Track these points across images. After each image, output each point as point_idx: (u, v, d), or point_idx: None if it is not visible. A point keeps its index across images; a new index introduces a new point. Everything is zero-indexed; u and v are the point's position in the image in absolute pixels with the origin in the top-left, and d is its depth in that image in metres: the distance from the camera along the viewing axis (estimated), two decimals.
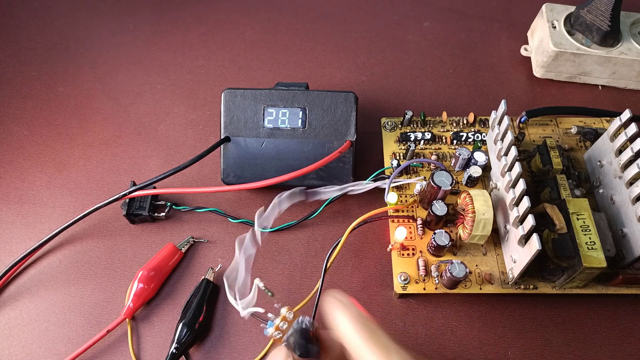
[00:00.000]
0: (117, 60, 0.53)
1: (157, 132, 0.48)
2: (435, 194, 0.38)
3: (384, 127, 0.46)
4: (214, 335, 0.38)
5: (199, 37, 0.55)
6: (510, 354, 0.37)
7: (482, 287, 0.38)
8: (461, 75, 0.52)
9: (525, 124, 0.45)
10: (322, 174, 0.42)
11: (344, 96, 0.41)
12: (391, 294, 0.40)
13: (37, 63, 0.53)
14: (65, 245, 0.42)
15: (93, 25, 0.56)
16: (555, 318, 0.39)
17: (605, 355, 0.37)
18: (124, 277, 0.41)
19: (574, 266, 0.35)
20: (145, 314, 0.39)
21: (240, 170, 0.42)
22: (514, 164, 0.37)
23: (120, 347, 0.38)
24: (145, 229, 0.43)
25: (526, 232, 0.34)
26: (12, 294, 0.40)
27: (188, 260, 0.42)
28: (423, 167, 0.44)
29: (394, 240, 0.40)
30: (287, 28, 0.55)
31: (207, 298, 0.38)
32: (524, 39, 0.54)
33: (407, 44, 0.54)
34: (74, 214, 0.42)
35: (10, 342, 0.38)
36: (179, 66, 0.52)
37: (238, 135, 0.42)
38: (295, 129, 0.42)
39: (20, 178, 0.46)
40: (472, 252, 0.39)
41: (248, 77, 0.52)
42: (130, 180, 0.45)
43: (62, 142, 0.48)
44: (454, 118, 0.46)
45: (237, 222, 0.43)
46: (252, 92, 0.42)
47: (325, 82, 0.51)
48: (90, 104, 0.50)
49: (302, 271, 0.41)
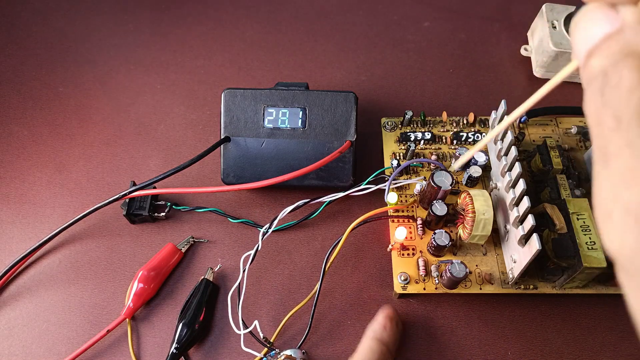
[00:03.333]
0: (117, 60, 0.53)
1: (157, 132, 0.48)
2: (435, 194, 0.38)
3: (384, 127, 0.46)
4: (213, 335, 0.38)
5: (199, 37, 0.55)
6: (510, 354, 0.37)
7: (482, 287, 0.38)
8: (461, 75, 0.52)
9: (525, 124, 0.45)
10: (322, 174, 0.42)
11: (344, 96, 0.41)
12: (391, 294, 0.40)
13: (37, 63, 0.53)
14: (65, 245, 0.42)
15: (93, 25, 0.56)
16: (555, 318, 0.39)
17: (605, 355, 0.37)
18: (124, 277, 0.41)
19: (574, 266, 0.35)
20: (145, 314, 0.39)
21: (240, 170, 0.42)
22: (514, 164, 0.37)
23: (120, 347, 0.38)
24: (145, 229, 0.43)
25: (526, 232, 0.34)
26: (12, 294, 0.40)
27: (188, 260, 0.42)
28: (423, 167, 0.44)
29: (394, 240, 0.40)
30: (287, 28, 0.55)
31: (207, 298, 0.38)
32: (524, 39, 0.54)
33: (407, 44, 0.54)
34: (74, 214, 0.42)
35: (10, 342, 0.38)
36: (179, 66, 0.52)
37: (238, 135, 0.42)
38: (295, 129, 0.42)
39: (20, 178, 0.46)
40: (472, 252, 0.39)
41: (248, 77, 0.52)
42: (130, 180, 0.45)
43: (62, 142, 0.48)
44: (454, 118, 0.46)
45: (237, 222, 0.43)
46: (252, 92, 0.42)
47: (325, 82, 0.51)
48: (90, 104, 0.50)
49: (302, 271, 0.41)
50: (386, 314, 0.36)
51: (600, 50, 0.15)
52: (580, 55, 0.16)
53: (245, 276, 0.37)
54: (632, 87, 0.14)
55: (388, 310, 0.36)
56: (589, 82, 0.15)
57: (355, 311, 0.39)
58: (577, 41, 0.16)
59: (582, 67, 0.16)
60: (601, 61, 0.15)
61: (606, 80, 0.15)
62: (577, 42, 0.16)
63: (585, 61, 0.16)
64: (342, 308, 0.39)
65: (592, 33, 0.16)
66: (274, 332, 0.37)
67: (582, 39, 0.16)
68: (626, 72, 0.14)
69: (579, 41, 0.16)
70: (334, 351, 0.38)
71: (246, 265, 0.37)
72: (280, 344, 0.38)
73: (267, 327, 0.38)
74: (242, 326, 0.35)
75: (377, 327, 0.35)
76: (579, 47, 0.16)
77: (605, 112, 0.14)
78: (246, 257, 0.37)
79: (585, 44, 0.16)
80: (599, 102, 0.15)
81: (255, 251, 0.37)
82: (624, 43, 0.15)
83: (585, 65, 0.16)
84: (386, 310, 0.36)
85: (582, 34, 0.16)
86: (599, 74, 0.15)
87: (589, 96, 0.15)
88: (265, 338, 0.35)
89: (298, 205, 0.40)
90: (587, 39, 0.16)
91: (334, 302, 0.40)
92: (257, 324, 0.35)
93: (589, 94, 0.15)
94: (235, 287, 0.37)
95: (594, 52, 0.16)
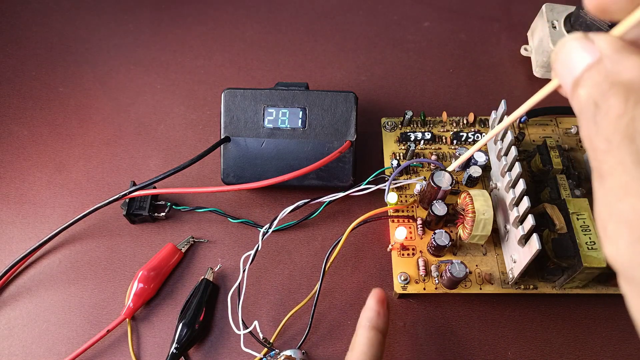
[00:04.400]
0: (117, 60, 0.53)
1: (157, 132, 0.48)
2: (435, 194, 0.38)
3: (384, 127, 0.46)
4: (213, 335, 0.38)
5: (199, 37, 0.55)
6: (510, 354, 0.37)
7: (482, 287, 0.38)
8: (461, 75, 0.52)
9: (525, 124, 0.45)
10: (322, 174, 0.42)
11: (344, 96, 0.41)
12: (391, 294, 0.40)
13: (37, 63, 0.53)
14: (65, 245, 0.42)
15: (93, 25, 0.56)
16: (555, 318, 0.39)
17: (605, 355, 0.37)
18: (124, 277, 0.41)
19: (574, 266, 0.35)
20: (145, 314, 0.39)
21: (240, 170, 0.42)
22: (514, 164, 0.37)
23: (120, 347, 0.38)
24: (145, 229, 0.43)
25: (526, 232, 0.34)
26: (12, 294, 0.40)
27: (188, 260, 0.42)
28: (423, 167, 0.44)
29: (394, 240, 0.40)
30: (287, 28, 0.55)
31: (207, 298, 0.38)
32: (524, 39, 0.54)
33: (407, 44, 0.54)
34: (74, 214, 0.42)
35: (10, 342, 0.38)
36: (179, 66, 0.52)
37: (238, 135, 0.42)
38: (295, 129, 0.42)
39: (20, 178, 0.46)
40: (472, 252, 0.39)
41: (248, 77, 0.52)
42: (130, 180, 0.45)
43: (62, 142, 0.48)
44: (454, 118, 0.46)
45: (237, 222, 0.43)
46: (252, 92, 0.42)
47: (325, 82, 0.51)
48: (90, 104, 0.50)
49: (302, 271, 0.41)
50: (377, 297, 0.34)
51: (584, 81, 0.17)
52: (566, 84, 0.18)
53: (245, 276, 0.37)
54: (619, 114, 0.16)
55: (378, 294, 0.34)
56: (581, 111, 0.17)
57: (355, 311, 0.39)
58: (561, 71, 0.18)
59: (571, 96, 0.18)
60: (588, 90, 0.17)
61: (597, 110, 0.16)
62: (561, 72, 0.18)
63: (572, 90, 0.18)
64: (342, 308, 0.39)
65: (575, 64, 0.18)
66: (273, 332, 0.37)
67: (566, 69, 0.18)
68: (613, 101, 0.16)
69: (563, 71, 0.18)
70: (334, 351, 0.38)
71: (246, 265, 0.37)
72: (280, 344, 0.38)
73: (267, 327, 0.38)
74: (242, 326, 0.35)
75: (371, 314, 0.33)
76: (564, 76, 0.18)
77: (598, 137, 0.16)
78: (246, 257, 0.37)
79: (569, 74, 0.18)
80: (593, 130, 0.16)
81: (255, 251, 0.37)
82: (605, 73, 0.16)
83: (573, 94, 0.18)
84: (377, 294, 0.34)
85: (566, 65, 0.18)
86: (590, 105, 0.17)
87: (583, 124, 0.17)
88: (265, 338, 0.35)
89: (298, 205, 0.40)
90: (571, 69, 0.18)
91: (334, 302, 0.40)
92: (257, 324, 0.35)
93: (584, 123, 0.17)
94: (235, 287, 0.37)
95: (579, 82, 0.17)
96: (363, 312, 0.34)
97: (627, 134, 0.15)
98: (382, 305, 0.34)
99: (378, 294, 0.34)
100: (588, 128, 0.17)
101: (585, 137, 0.17)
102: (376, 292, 0.34)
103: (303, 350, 0.37)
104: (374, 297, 0.34)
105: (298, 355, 0.35)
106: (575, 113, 0.18)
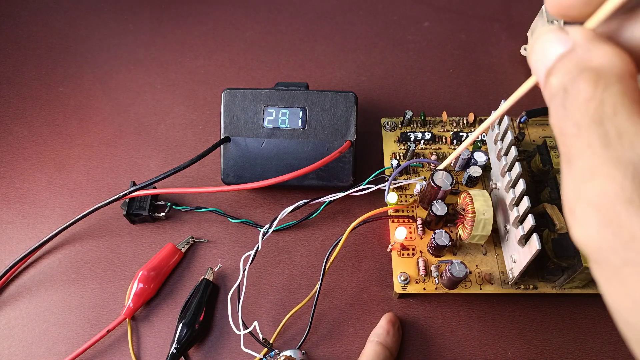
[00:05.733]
0: (117, 60, 0.53)
1: (157, 132, 0.48)
2: (435, 194, 0.38)
3: (384, 127, 0.46)
4: (213, 336, 0.38)
5: (199, 37, 0.55)
6: (510, 354, 0.37)
7: (482, 287, 0.38)
8: (461, 75, 0.52)
9: (525, 124, 0.45)
10: (322, 174, 0.42)
11: (344, 96, 0.41)
12: (391, 294, 0.40)
13: (37, 63, 0.53)
14: (65, 245, 0.42)
15: (93, 25, 0.56)
16: (555, 318, 0.39)
17: (605, 355, 0.37)
18: (124, 277, 0.41)
19: (574, 266, 0.35)
20: (145, 314, 0.39)
21: (240, 170, 0.42)
22: (514, 164, 0.37)
23: (120, 347, 0.38)
24: (145, 229, 0.43)
25: (526, 232, 0.34)
26: (12, 294, 0.40)
27: (188, 260, 0.42)
28: (423, 167, 0.44)
29: (394, 240, 0.40)
30: (287, 28, 0.55)
31: (207, 298, 0.38)
32: (524, 39, 0.54)
33: (407, 44, 0.54)
34: (74, 214, 0.42)
35: (10, 342, 0.38)
36: (179, 66, 0.52)
37: (238, 135, 0.42)
38: (295, 129, 0.42)
39: (20, 178, 0.46)
40: (472, 252, 0.39)
41: (248, 77, 0.52)
42: (130, 180, 0.45)
43: (62, 142, 0.48)
44: (454, 118, 0.46)
45: (237, 222, 0.43)
46: (252, 92, 0.42)
47: (325, 82, 0.51)
48: (90, 104, 0.50)
49: (302, 271, 0.41)
50: (389, 319, 0.37)
51: (557, 69, 0.17)
52: (540, 75, 0.18)
53: (245, 276, 0.37)
54: (588, 98, 0.16)
55: (390, 316, 0.38)
56: (552, 98, 0.17)
57: (355, 311, 0.39)
58: (535, 62, 0.18)
59: (543, 85, 0.18)
60: (560, 78, 0.17)
61: (567, 95, 0.16)
62: (535, 64, 0.18)
63: (545, 80, 0.18)
64: (342, 308, 0.39)
65: (548, 54, 0.18)
66: (273, 333, 0.37)
67: (540, 60, 0.18)
68: (582, 86, 0.16)
69: (537, 62, 0.18)
70: (334, 351, 0.38)
71: (246, 265, 0.37)
72: (280, 344, 0.38)
73: (267, 327, 0.38)
74: (242, 326, 0.35)
75: (380, 331, 0.36)
76: (537, 67, 0.18)
77: (567, 122, 0.16)
78: (246, 257, 0.37)
79: (543, 64, 0.18)
80: (562, 115, 0.17)
81: (255, 251, 0.37)
82: (576, 60, 0.17)
83: (546, 83, 0.18)
84: (388, 316, 0.38)
85: (539, 56, 0.18)
86: (560, 90, 0.17)
87: (553, 110, 0.17)
88: (264, 339, 0.35)
89: (298, 206, 0.40)
90: (544, 60, 0.18)
91: (334, 302, 0.40)
92: (256, 325, 0.35)
93: (553, 109, 0.17)
94: (235, 287, 0.37)
95: (552, 71, 0.17)
96: (373, 330, 0.37)
97: (595, 117, 0.15)
98: (392, 326, 0.37)
99: (389, 316, 0.38)
100: (557, 113, 0.17)
101: (554, 123, 0.17)
102: (388, 314, 0.38)
103: (303, 351, 0.37)
104: (385, 317, 0.37)
105: (298, 356, 0.35)
106: (545, 102, 0.18)
